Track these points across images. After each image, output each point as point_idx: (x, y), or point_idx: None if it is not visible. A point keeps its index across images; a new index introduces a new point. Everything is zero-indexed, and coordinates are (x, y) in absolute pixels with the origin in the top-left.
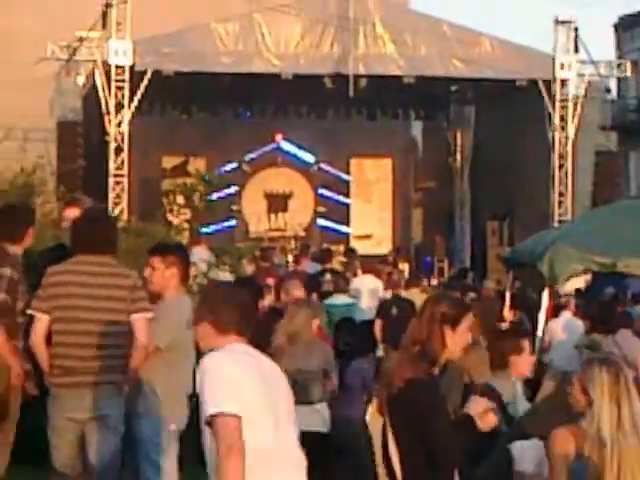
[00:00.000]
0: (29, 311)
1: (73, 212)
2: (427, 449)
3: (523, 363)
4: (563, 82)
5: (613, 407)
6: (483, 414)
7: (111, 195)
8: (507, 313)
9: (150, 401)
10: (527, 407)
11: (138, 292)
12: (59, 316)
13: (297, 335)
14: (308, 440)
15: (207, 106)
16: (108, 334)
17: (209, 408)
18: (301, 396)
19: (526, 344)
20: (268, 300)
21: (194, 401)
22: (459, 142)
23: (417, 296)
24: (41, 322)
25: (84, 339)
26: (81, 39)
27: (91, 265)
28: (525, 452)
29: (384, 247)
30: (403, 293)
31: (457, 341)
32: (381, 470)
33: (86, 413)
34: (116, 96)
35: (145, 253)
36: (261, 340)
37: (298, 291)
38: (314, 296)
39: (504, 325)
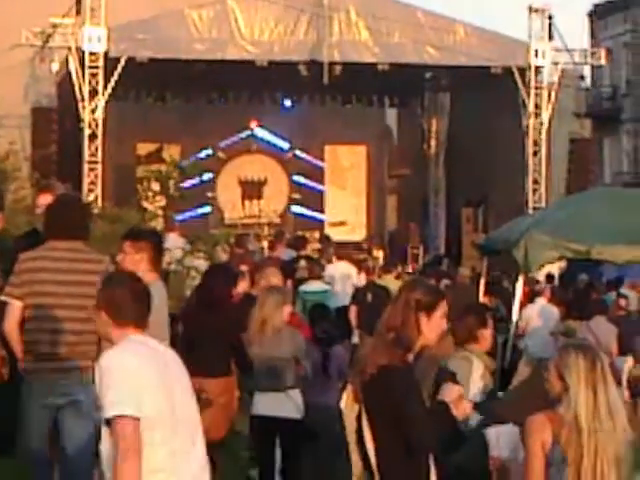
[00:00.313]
0: (2, 297)
1: (46, 198)
2: (402, 435)
3: (488, 335)
4: (537, 69)
5: (589, 393)
6: (457, 401)
7: (85, 181)
8: (482, 299)
9: None
10: (480, 387)
11: None
12: (31, 302)
13: (267, 322)
14: (281, 426)
15: (181, 93)
16: (80, 320)
17: (108, 410)
18: (273, 383)
19: (489, 318)
20: (242, 287)
21: None
22: (434, 129)
23: (392, 283)
24: (14, 308)
25: (56, 325)
26: (55, 25)
27: (63, 251)
28: (500, 437)
29: (358, 234)
30: (378, 280)
31: (432, 328)
32: (354, 457)
33: (58, 399)
34: (90, 83)
35: (119, 239)
36: (237, 327)
37: (275, 278)
38: (289, 283)
39: None
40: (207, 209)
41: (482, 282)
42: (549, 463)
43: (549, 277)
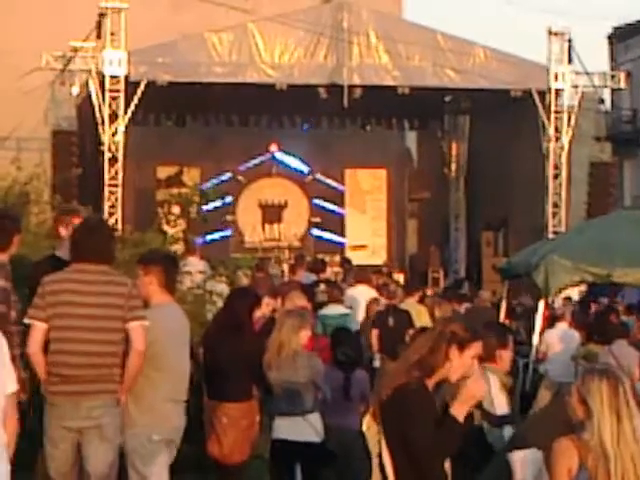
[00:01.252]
0: (26, 320)
1: (73, 221)
2: (410, 454)
3: (507, 357)
4: (557, 93)
5: (613, 419)
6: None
7: (106, 205)
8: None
9: (130, 412)
10: (504, 403)
11: (134, 300)
12: (56, 324)
13: (284, 345)
14: (301, 450)
15: (201, 116)
16: (105, 342)
17: None
18: (291, 407)
19: (510, 339)
20: (262, 311)
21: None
22: (454, 152)
23: (413, 307)
24: (38, 330)
25: (81, 347)
26: (75, 49)
27: (88, 274)
28: (524, 462)
29: (379, 257)
30: (399, 304)
31: (461, 364)
32: (375, 478)
33: (82, 422)
34: (110, 106)
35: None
36: (260, 351)
37: (300, 301)
38: (308, 306)
39: None
40: (227, 232)
41: (503, 305)
42: None
43: (567, 300)
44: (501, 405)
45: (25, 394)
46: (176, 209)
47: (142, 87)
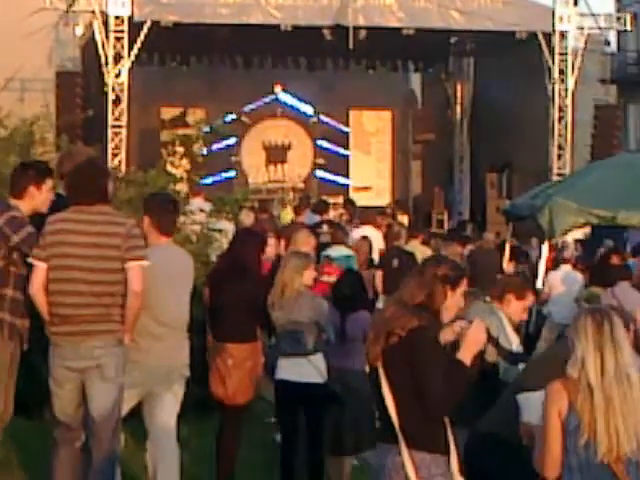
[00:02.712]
0: (29, 260)
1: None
2: (420, 398)
3: (517, 308)
4: (562, 35)
5: (597, 355)
6: (465, 337)
7: (110, 146)
8: (507, 265)
9: None
10: (518, 342)
11: (132, 240)
12: (54, 264)
13: (287, 286)
14: (304, 391)
15: (206, 57)
16: (101, 282)
17: None
18: (295, 347)
19: (530, 296)
20: (268, 252)
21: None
22: (458, 94)
23: (417, 248)
24: (39, 270)
25: (79, 287)
26: None
27: (88, 214)
28: (531, 403)
29: (383, 199)
30: (404, 245)
31: (454, 303)
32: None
33: (83, 362)
34: (115, 47)
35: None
36: (267, 292)
37: (304, 246)
38: (311, 251)
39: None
40: (231, 173)
41: (507, 247)
42: (566, 430)
43: (577, 242)
44: (517, 343)
45: (26, 343)
46: (180, 149)
47: (146, 28)
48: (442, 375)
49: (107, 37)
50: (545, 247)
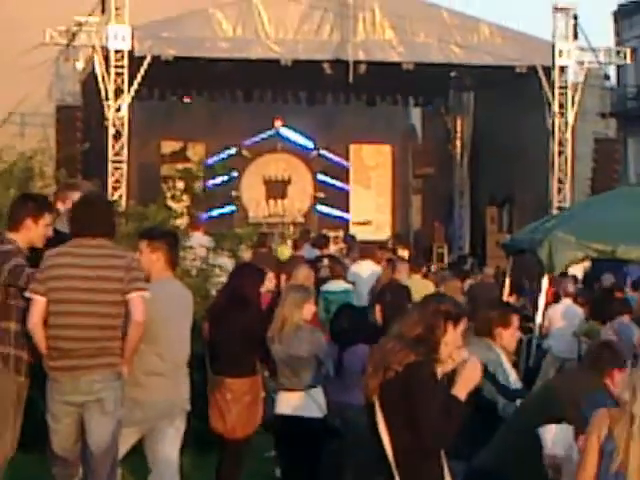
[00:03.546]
0: (27, 294)
1: (76, 195)
2: (417, 432)
3: (508, 337)
4: (562, 69)
5: None
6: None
7: (110, 180)
8: (507, 298)
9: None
10: (516, 377)
11: (134, 272)
12: (55, 298)
13: (287, 320)
14: (303, 425)
15: (206, 92)
16: (104, 315)
17: None
18: (293, 382)
19: (514, 320)
20: (266, 286)
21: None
22: (458, 128)
23: (419, 282)
24: (38, 304)
25: (80, 320)
26: (80, 24)
27: (88, 247)
28: (555, 435)
29: (383, 233)
30: (405, 279)
31: (454, 339)
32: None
33: (83, 396)
34: (115, 81)
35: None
36: (266, 326)
37: (306, 278)
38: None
39: None
40: (231, 208)
41: (507, 281)
42: (602, 454)
43: (573, 278)
44: (514, 379)
45: (22, 376)
46: (180, 184)
47: (147, 62)
48: (438, 408)
49: (107, 71)
50: (545, 281)
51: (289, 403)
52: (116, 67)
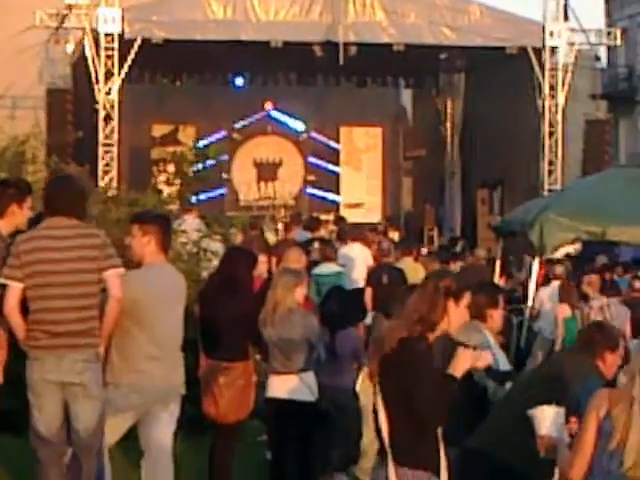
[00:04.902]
0: (1, 280)
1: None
2: (413, 411)
3: (498, 316)
4: (553, 50)
5: None
6: (475, 359)
7: (101, 164)
8: (498, 281)
9: (114, 366)
10: (505, 360)
11: (108, 249)
12: (36, 283)
13: (279, 303)
14: (296, 409)
15: (197, 74)
16: (83, 295)
17: None
18: (286, 365)
19: (501, 298)
20: (259, 270)
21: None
22: (449, 110)
23: (410, 265)
24: (14, 290)
25: (65, 303)
26: (70, 7)
27: (60, 229)
28: (548, 416)
29: (374, 216)
30: (396, 262)
31: (458, 315)
32: (370, 435)
33: (64, 376)
34: (105, 64)
35: (128, 223)
36: (259, 310)
37: (295, 263)
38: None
39: None
40: (222, 191)
41: (497, 263)
42: (600, 433)
43: (568, 257)
44: (503, 362)
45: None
46: (171, 167)
47: (137, 45)
48: (432, 383)
49: (98, 54)
50: (535, 263)
51: (281, 386)
52: (106, 50)
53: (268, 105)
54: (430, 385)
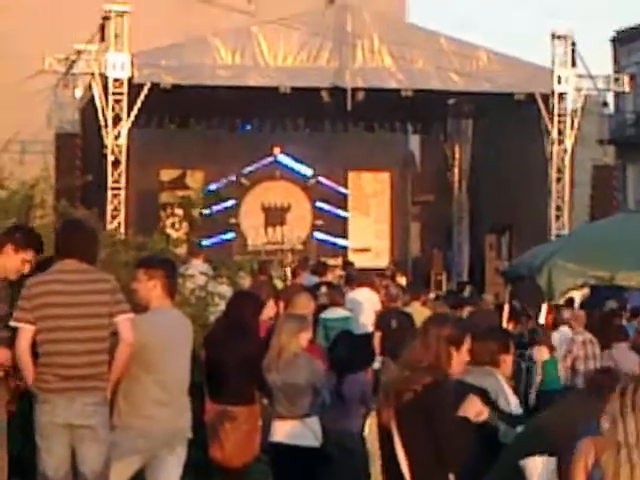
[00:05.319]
0: (13, 323)
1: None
2: (438, 453)
3: (509, 361)
4: (561, 96)
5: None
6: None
7: (109, 208)
8: (506, 325)
9: (121, 411)
10: (517, 403)
11: (118, 295)
12: (47, 326)
13: (283, 348)
14: (299, 454)
15: (205, 119)
16: (94, 340)
17: None
18: (290, 410)
19: (511, 344)
20: (266, 314)
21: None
22: (457, 155)
23: (417, 310)
24: (25, 332)
25: (76, 347)
26: (79, 52)
27: (72, 273)
28: (538, 467)
29: (382, 260)
30: (404, 307)
31: (460, 361)
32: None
33: (74, 418)
34: (114, 109)
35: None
36: (264, 355)
37: (303, 309)
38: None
39: None
40: (231, 235)
41: (505, 308)
42: None
43: (569, 302)
44: (516, 405)
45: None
46: (179, 211)
47: (145, 90)
48: (456, 426)
49: (106, 99)
50: (544, 308)
51: (285, 431)
52: (115, 95)
53: (276, 150)
54: (457, 428)
